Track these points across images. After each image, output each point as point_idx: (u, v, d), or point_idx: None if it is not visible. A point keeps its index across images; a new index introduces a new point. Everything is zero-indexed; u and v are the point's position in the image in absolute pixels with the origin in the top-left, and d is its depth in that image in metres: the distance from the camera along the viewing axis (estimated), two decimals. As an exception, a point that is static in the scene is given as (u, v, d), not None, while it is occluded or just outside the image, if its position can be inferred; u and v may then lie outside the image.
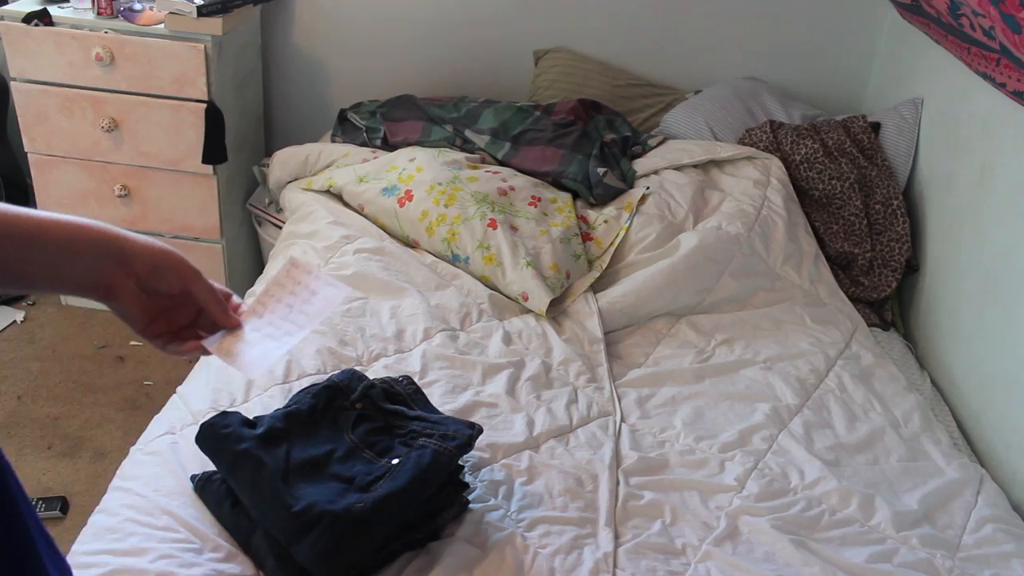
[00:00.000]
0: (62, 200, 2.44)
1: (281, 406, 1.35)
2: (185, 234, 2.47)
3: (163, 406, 1.53)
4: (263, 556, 1.18)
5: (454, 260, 2.00)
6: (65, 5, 2.31)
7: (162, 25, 2.24)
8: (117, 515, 1.24)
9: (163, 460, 1.34)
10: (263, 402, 1.47)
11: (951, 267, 1.99)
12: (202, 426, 1.26)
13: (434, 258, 2.02)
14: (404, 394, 1.37)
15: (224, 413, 1.29)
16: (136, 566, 1.15)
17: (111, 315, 2.62)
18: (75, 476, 2.05)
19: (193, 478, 1.30)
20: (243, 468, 1.20)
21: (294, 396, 1.36)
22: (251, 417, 1.30)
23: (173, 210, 2.43)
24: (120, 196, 2.40)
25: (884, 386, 1.82)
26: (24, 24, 2.21)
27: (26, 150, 2.39)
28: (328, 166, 2.33)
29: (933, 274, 2.08)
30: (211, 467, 1.31)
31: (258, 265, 2.66)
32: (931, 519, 1.47)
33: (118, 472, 1.37)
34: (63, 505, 1.94)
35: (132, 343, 2.52)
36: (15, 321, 2.56)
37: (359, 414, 1.31)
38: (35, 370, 2.37)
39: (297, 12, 2.69)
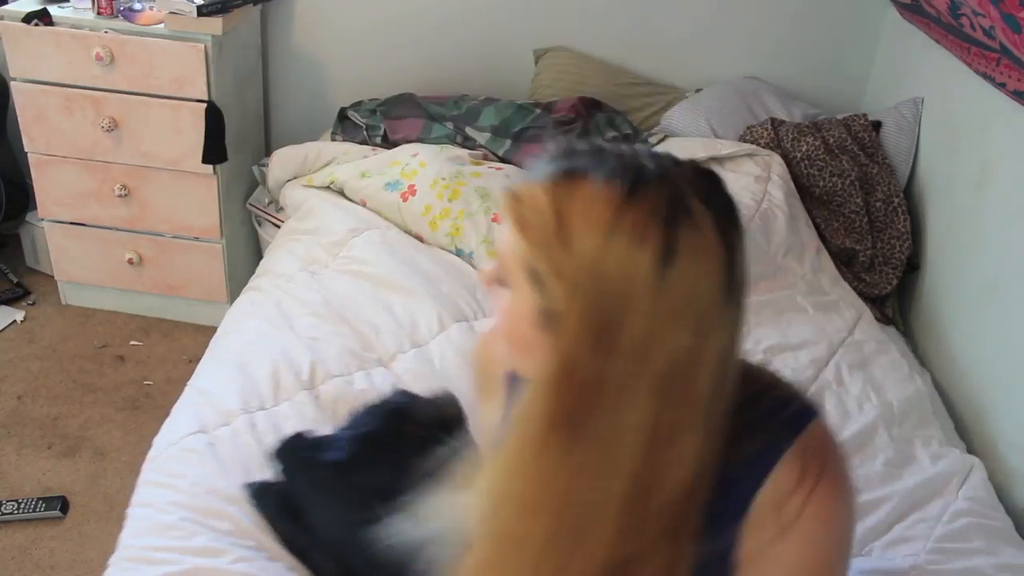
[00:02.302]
0: (62, 200, 2.44)
1: (345, 425, 1.35)
2: (185, 234, 2.47)
3: (163, 406, 1.53)
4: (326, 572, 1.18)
5: (458, 255, 2.01)
6: (65, 5, 2.31)
7: (162, 25, 2.24)
8: (170, 512, 1.23)
9: (203, 459, 1.34)
10: (292, 407, 1.48)
11: (951, 266, 1.99)
12: (283, 444, 1.27)
13: (440, 249, 2.03)
14: (453, 417, 1.37)
15: (299, 435, 1.30)
16: (215, 566, 1.14)
17: (111, 315, 2.62)
18: (75, 476, 2.04)
19: (247, 486, 1.29)
20: (327, 495, 1.20)
21: (359, 416, 1.34)
22: (318, 434, 1.31)
23: (173, 210, 2.43)
24: (120, 196, 2.40)
25: (885, 373, 1.81)
26: (24, 24, 2.20)
27: (26, 150, 2.39)
28: (328, 164, 2.33)
29: (933, 273, 2.08)
30: (255, 473, 1.31)
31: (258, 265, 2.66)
32: (903, 518, 1.46)
33: (150, 465, 1.35)
34: (63, 505, 1.94)
35: (132, 343, 2.52)
36: (15, 321, 2.55)
37: (418, 444, 1.31)
38: (35, 370, 2.37)
39: (297, 12, 2.69)
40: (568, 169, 0.71)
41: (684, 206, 0.67)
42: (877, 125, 2.32)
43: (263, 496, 1.27)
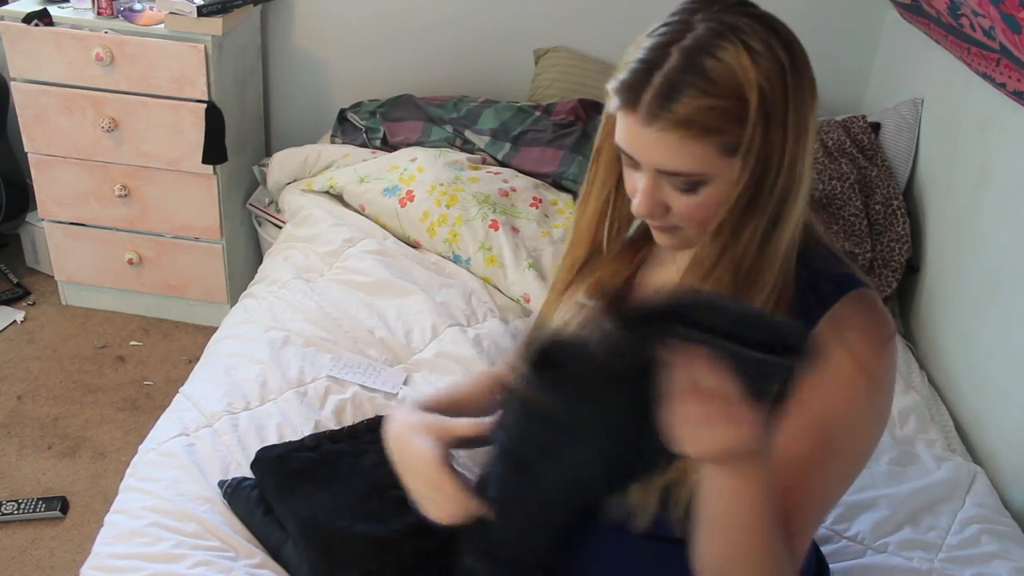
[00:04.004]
0: (62, 200, 2.44)
1: (302, 419, 1.37)
2: (185, 234, 2.47)
3: (163, 406, 1.53)
4: (295, 566, 1.18)
5: (455, 261, 2.01)
6: (65, 5, 2.31)
7: (162, 25, 2.24)
8: (141, 518, 1.23)
9: (180, 463, 1.33)
10: (278, 406, 1.47)
11: (951, 267, 1.99)
12: (256, 456, 1.29)
13: (437, 256, 2.02)
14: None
15: (274, 445, 1.32)
16: (174, 572, 1.14)
17: (111, 315, 2.62)
18: (75, 476, 2.05)
19: (221, 484, 1.29)
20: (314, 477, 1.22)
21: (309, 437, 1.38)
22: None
23: (173, 210, 2.43)
24: (120, 196, 2.40)
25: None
26: (24, 24, 2.21)
27: (26, 150, 2.39)
28: (327, 167, 2.33)
29: (933, 274, 2.08)
30: (234, 473, 1.31)
31: (258, 265, 2.66)
32: (915, 522, 1.47)
33: (130, 471, 1.36)
34: (63, 505, 1.94)
35: (132, 343, 2.52)
36: (15, 321, 2.56)
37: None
38: (35, 370, 2.37)
39: (297, 12, 2.69)
40: (691, 70, 0.83)
41: (768, 20, 0.88)
42: (876, 126, 2.32)
43: (236, 492, 1.27)
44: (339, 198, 2.22)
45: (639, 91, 0.85)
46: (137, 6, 2.31)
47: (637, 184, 0.91)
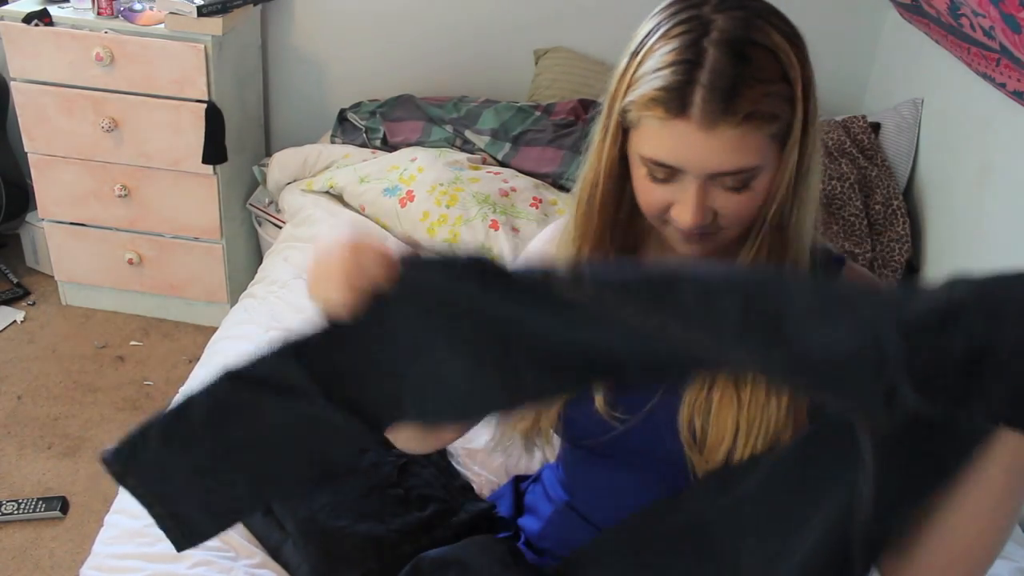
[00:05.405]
0: (62, 200, 2.44)
1: None
2: (185, 234, 2.47)
3: (163, 406, 1.53)
4: (295, 566, 1.18)
5: (455, 261, 2.01)
6: (65, 5, 2.31)
7: (162, 25, 2.24)
8: (141, 518, 1.22)
9: None
10: None
11: (951, 267, 1.99)
12: None
13: None
14: None
15: None
16: (174, 572, 1.14)
17: (111, 315, 2.62)
18: (75, 476, 2.05)
19: None
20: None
21: None
22: None
23: (173, 210, 2.43)
24: (120, 196, 2.40)
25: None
26: (24, 24, 2.21)
27: (26, 150, 2.39)
28: (327, 167, 2.33)
29: (933, 274, 2.08)
30: None
31: (258, 265, 2.66)
32: None
33: None
34: (63, 505, 1.95)
35: (132, 343, 2.52)
36: (15, 321, 2.56)
37: None
38: (35, 370, 2.37)
39: (297, 12, 2.69)
40: (739, 62, 0.80)
41: (775, 10, 0.86)
42: (876, 127, 2.32)
43: None
44: (339, 198, 2.23)
45: (687, 94, 0.79)
46: (137, 6, 2.31)
47: (676, 197, 0.85)
